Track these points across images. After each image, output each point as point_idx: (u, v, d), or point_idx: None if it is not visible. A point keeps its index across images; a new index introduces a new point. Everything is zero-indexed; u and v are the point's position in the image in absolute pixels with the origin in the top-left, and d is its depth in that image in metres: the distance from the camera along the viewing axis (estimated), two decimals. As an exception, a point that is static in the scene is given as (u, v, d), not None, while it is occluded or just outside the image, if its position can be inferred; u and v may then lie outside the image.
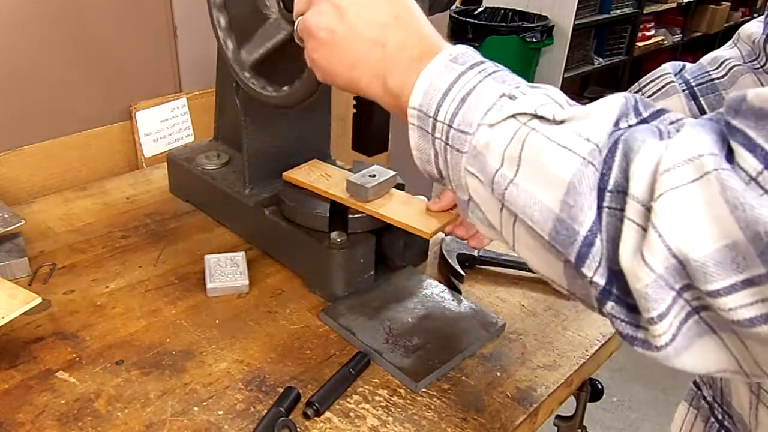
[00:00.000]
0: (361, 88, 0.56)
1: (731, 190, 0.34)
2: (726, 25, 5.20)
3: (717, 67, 0.75)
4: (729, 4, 5.09)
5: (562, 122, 0.43)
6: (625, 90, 0.82)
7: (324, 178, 0.92)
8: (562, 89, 0.48)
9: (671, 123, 0.42)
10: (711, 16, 4.99)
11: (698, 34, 5.03)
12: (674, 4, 4.48)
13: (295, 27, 0.61)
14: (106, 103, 1.25)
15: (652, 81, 0.78)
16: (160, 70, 1.31)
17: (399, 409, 0.71)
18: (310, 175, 0.93)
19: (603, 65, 4.13)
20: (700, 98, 0.74)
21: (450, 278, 0.91)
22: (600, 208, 0.39)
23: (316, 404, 0.69)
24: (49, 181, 1.19)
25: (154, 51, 1.29)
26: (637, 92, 0.80)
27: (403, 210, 0.84)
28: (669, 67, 0.78)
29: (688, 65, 0.78)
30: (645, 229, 0.37)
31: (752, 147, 0.35)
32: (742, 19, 5.46)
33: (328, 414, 0.70)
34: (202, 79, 1.36)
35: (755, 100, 0.36)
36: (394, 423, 0.69)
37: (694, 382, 0.69)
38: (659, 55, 4.77)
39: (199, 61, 1.34)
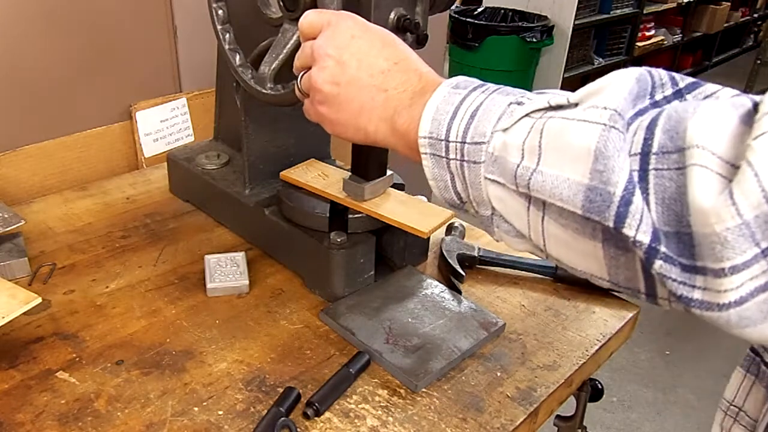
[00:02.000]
0: (369, 134, 0.57)
1: None
2: (726, 25, 5.21)
3: None
4: (729, 4, 5.09)
5: (576, 104, 0.43)
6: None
7: (321, 177, 0.92)
8: (562, 89, 0.48)
9: (707, 96, 0.41)
10: (711, 16, 4.99)
11: (698, 34, 5.03)
12: (674, 4, 4.48)
13: (298, 82, 0.63)
14: (106, 103, 1.25)
15: None
16: (160, 70, 1.31)
17: (399, 409, 0.71)
18: (308, 174, 0.93)
19: (603, 65, 4.13)
20: None
21: (450, 278, 0.91)
22: (644, 170, 0.38)
23: (316, 404, 0.69)
24: (49, 181, 1.19)
25: (154, 51, 1.29)
26: None
27: (400, 209, 0.84)
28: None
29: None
30: (727, 178, 0.35)
31: None
32: (743, 19, 5.47)
33: (328, 414, 0.70)
34: (202, 79, 1.36)
35: None
36: (394, 423, 0.69)
37: (752, 348, 0.68)
38: (659, 55, 4.77)
39: (199, 61, 1.34)
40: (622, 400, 2.12)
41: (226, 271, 0.89)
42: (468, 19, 3.56)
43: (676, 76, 0.43)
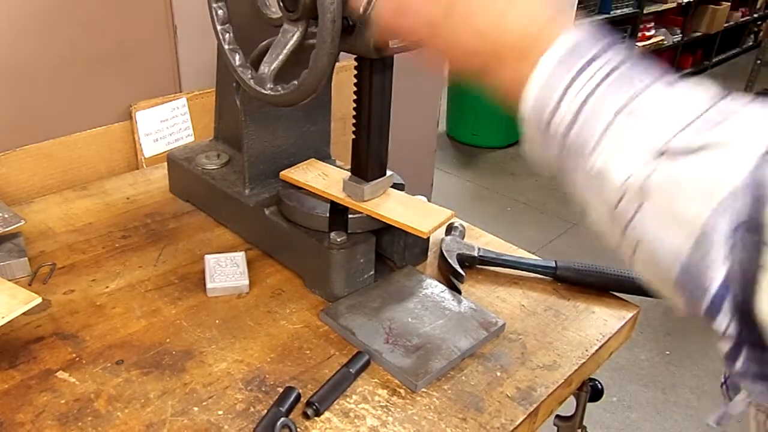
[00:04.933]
0: (469, 49, 0.49)
1: None
2: (726, 25, 5.21)
3: None
4: (729, 4, 5.09)
5: (695, 151, 0.37)
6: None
7: (321, 177, 0.92)
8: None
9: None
10: (711, 16, 4.99)
11: (698, 34, 5.03)
12: (674, 4, 4.48)
13: None
14: (106, 103, 1.25)
15: None
16: (160, 70, 1.31)
17: (399, 409, 0.71)
18: (307, 174, 0.93)
19: (603, 65, 4.13)
20: None
21: (450, 278, 0.91)
22: (733, 245, 0.34)
23: (316, 404, 0.69)
24: (49, 181, 1.19)
25: (154, 51, 1.29)
26: None
27: (400, 209, 0.84)
28: None
29: None
30: None
31: None
32: (743, 19, 5.47)
33: (327, 414, 0.70)
34: (202, 79, 1.36)
35: None
36: (394, 423, 0.69)
37: None
38: (659, 55, 4.77)
39: (199, 61, 1.34)
40: (622, 400, 2.12)
41: (226, 271, 0.89)
42: (468, 19, 3.55)
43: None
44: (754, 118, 0.37)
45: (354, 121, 0.84)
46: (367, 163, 0.85)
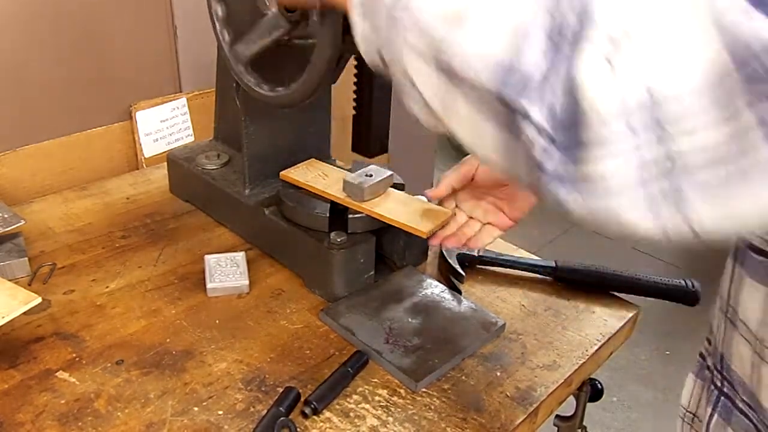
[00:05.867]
0: None
1: (718, 9, 0.32)
2: (726, 25, 5.20)
3: None
4: (729, 4, 5.09)
5: None
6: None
7: (321, 177, 0.92)
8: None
9: None
10: (711, 16, 4.99)
11: (698, 34, 5.03)
12: (674, 4, 4.48)
13: None
14: (106, 103, 1.25)
15: None
16: (160, 70, 1.31)
17: (399, 409, 0.71)
18: (307, 174, 0.93)
19: (603, 65, 4.13)
20: None
21: (450, 278, 0.91)
22: (552, 49, 0.37)
23: (314, 403, 0.69)
24: (49, 181, 1.19)
25: (154, 51, 1.29)
26: None
27: (400, 209, 0.84)
28: None
29: None
30: (612, 54, 0.34)
31: None
32: (742, 19, 5.46)
33: (327, 414, 0.70)
34: (202, 79, 1.36)
35: None
36: (394, 423, 0.69)
37: (700, 353, 0.69)
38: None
39: (199, 61, 1.34)
40: (622, 400, 2.12)
41: (226, 271, 0.89)
42: (468, 19, 3.55)
43: None
44: None
45: (355, 103, 0.82)
46: (369, 137, 0.83)
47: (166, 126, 1.33)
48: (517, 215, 0.80)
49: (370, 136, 0.83)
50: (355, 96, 0.82)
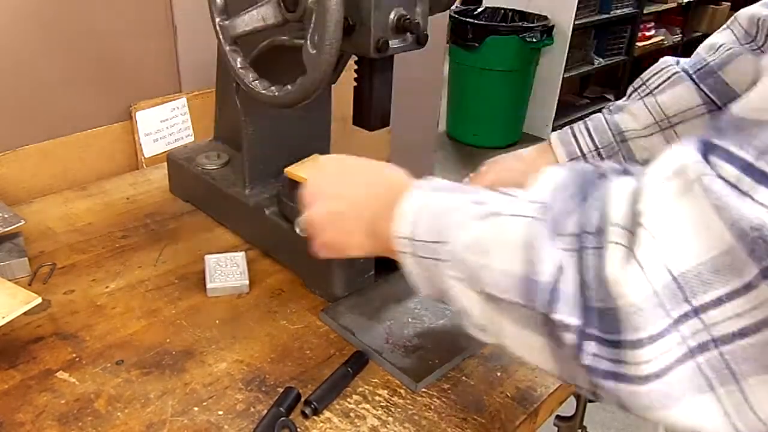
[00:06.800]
0: (364, 246, 0.63)
1: (715, 194, 0.35)
2: (726, 25, 5.20)
3: (713, 53, 0.77)
4: (729, 4, 5.09)
5: (511, 198, 0.48)
6: (625, 88, 0.82)
7: None
8: (561, 89, 0.49)
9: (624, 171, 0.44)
10: (711, 16, 4.99)
11: (698, 34, 5.03)
12: (674, 4, 4.48)
13: (299, 225, 0.71)
14: (106, 103, 1.25)
15: (655, 74, 0.80)
16: (160, 70, 1.31)
17: (399, 409, 0.71)
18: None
19: (603, 65, 4.13)
20: (701, 84, 0.75)
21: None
22: (579, 250, 0.40)
23: (314, 403, 0.69)
24: (49, 181, 1.19)
25: (154, 51, 1.29)
26: (640, 86, 0.81)
27: None
28: (669, 59, 0.80)
29: (685, 58, 0.80)
30: (632, 249, 0.37)
31: (730, 159, 0.35)
32: (742, 19, 5.46)
33: (328, 414, 0.70)
34: (202, 79, 1.36)
35: (737, 110, 0.36)
36: (394, 423, 0.69)
37: None
38: (659, 56, 4.75)
39: (199, 61, 1.34)
40: (622, 400, 2.12)
41: (226, 271, 0.89)
42: (468, 19, 3.55)
43: (624, 165, 0.46)
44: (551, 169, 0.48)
45: (356, 74, 0.82)
46: (369, 110, 0.82)
47: (166, 126, 1.33)
48: None
49: (371, 108, 0.82)
50: (356, 67, 0.81)
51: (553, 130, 4.41)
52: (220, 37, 0.82)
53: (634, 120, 0.79)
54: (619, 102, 0.83)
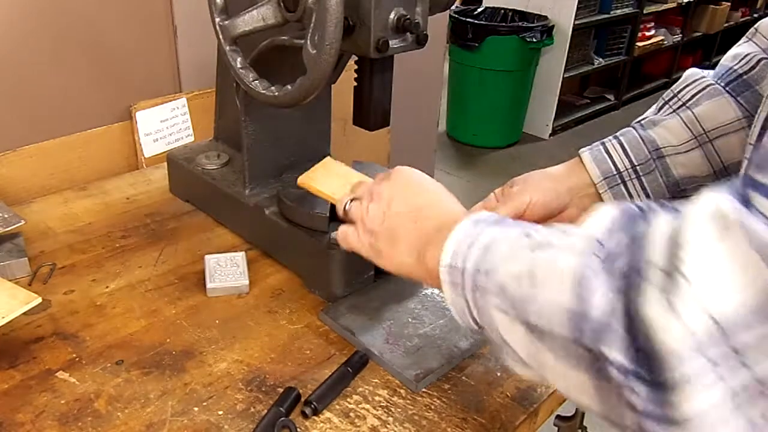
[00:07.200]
0: (404, 264, 0.63)
1: (756, 235, 0.34)
2: (726, 25, 5.20)
3: (740, 62, 0.74)
4: (729, 4, 5.09)
5: (564, 232, 0.47)
6: (625, 88, 0.81)
7: (344, 186, 0.80)
8: (561, 89, 0.48)
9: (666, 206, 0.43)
10: (711, 16, 4.99)
11: (698, 34, 5.03)
12: (674, 4, 4.48)
13: (345, 207, 0.70)
14: (106, 103, 1.25)
15: (687, 85, 0.77)
16: (160, 70, 1.31)
17: (399, 409, 0.71)
18: (330, 181, 0.82)
19: (603, 65, 4.13)
20: (738, 98, 0.73)
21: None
22: (626, 289, 0.40)
23: (314, 403, 0.69)
24: (49, 181, 1.19)
25: (154, 51, 1.29)
26: (671, 99, 0.78)
27: None
28: (698, 71, 0.77)
29: (710, 71, 0.77)
30: (671, 293, 0.37)
31: None
32: (742, 19, 5.46)
33: (328, 414, 0.70)
34: (202, 79, 1.36)
35: None
36: (395, 423, 0.69)
37: None
38: (659, 55, 4.77)
39: (199, 61, 1.34)
40: (622, 400, 2.12)
41: (226, 271, 0.89)
42: (468, 19, 3.55)
43: (668, 204, 0.45)
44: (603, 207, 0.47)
45: (356, 74, 0.82)
46: (369, 110, 0.82)
47: (166, 126, 1.33)
48: None
49: (371, 109, 0.82)
50: (356, 67, 0.81)
51: (553, 129, 4.39)
52: (220, 37, 0.82)
53: (671, 135, 0.75)
54: (651, 115, 0.79)
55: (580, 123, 4.12)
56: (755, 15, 5.75)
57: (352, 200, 0.70)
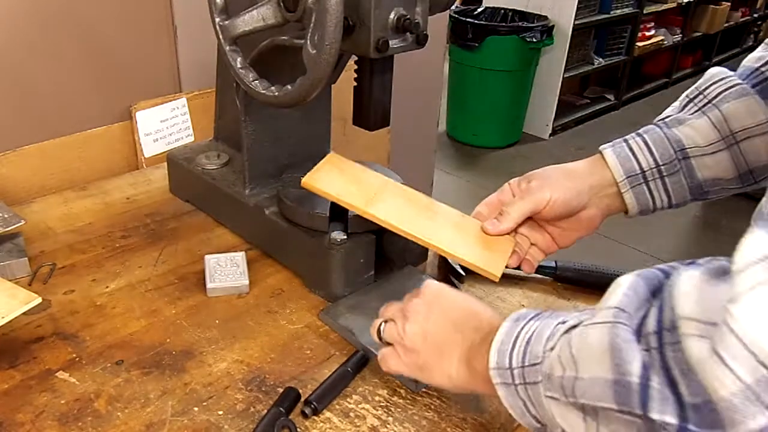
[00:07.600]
0: (452, 377, 0.62)
1: None
2: (726, 25, 5.20)
3: (765, 65, 0.73)
4: (729, 4, 5.09)
5: (594, 309, 0.48)
6: (625, 88, 0.81)
7: (354, 188, 0.80)
8: (561, 89, 0.48)
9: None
10: (711, 16, 4.99)
11: (698, 34, 5.03)
12: (674, 4, 4.48)
13: (380, 332, 0.68)
14: (106, 103, 1.25)
15: (713, 83, 0.75)
16: (160, 70, 1.31)
17: (399, 409, 0.71)
18: (336, 182, 0.81)
19: (603, 65, 4.13)
20: (766, 99, 0.71)
21: (450, 278, 0.91)
22: (661, 347, 0.41)
23: (314, 403, 0.69)
24: (49, 181, 1.19)
25: (154, 51, 1.29)
26: (696, 96, 0.76)
27: (458, 240, 0.76)
28: (722, 69, 0.75)
29: (734, 72, 0.75)
30: (716, 344, 0.37)
31: None
32: (742, 19, 5.47)
33: (328, 414, 0.70)
34: (202, 79, 1.36)
35: None
36: (394, 423, 0.69)
37: None
38: (659, 55, 4.77)
39: (199, 61, 1.34)
40: (622, 400, 2.12)
41: (226, 271, 0.89)
42: (468, 19, 3.55)
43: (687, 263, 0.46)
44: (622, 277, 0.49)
45: (356, 74, 0.82)
46: (369, 110, 0.81)
47: (166, 126, 1.33)
48: (567, 243, 0.80)
49: (371, 109, 0.82)
50: (356, 67, 0.81)
51: (553, 129, 4.39)
52: (220, 37, 0.82)
53: (698, 135, 0.73)
54: (675, 114, 0.77)
55: (580, 123, 4.12)
56: (755, 15, 5.75)
57: (385, 322, 0.68)
